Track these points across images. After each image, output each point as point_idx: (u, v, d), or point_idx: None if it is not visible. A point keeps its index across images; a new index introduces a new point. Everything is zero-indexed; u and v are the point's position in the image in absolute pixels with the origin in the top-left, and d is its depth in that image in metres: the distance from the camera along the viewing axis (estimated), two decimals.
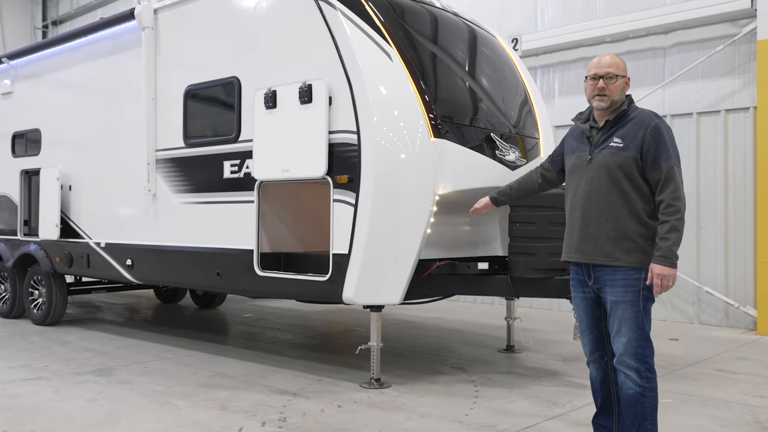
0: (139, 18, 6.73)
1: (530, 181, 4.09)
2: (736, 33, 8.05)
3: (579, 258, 3.56)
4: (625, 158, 3.40)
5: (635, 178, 3.40)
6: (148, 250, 6.76)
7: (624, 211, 3.40)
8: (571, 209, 3.63)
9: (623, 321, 3.40)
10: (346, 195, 5.05)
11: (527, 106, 6.40)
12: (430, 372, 5.76)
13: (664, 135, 3.38)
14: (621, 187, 3.41)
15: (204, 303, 9.82)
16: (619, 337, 3.43)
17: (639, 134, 3.40)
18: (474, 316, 8.97)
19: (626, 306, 3.40)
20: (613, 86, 3.50)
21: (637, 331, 3.38)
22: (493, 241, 6.17)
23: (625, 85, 3.55)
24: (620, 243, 3.40)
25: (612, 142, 3.46)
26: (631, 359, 3.38)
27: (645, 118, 3.45)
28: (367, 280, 4.99)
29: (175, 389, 5.17)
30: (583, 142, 3.62)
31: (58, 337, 7.31)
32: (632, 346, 3.38)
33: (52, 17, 19.06)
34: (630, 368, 3.39)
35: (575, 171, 3.62)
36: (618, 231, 3.41)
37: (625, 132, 3.45)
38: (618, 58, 3.59)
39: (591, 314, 3.63)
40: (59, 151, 8.02)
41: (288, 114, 5.40)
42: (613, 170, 3.42)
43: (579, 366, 6.00)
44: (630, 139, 3.41)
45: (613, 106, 3.53)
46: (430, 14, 5.92)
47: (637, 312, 3.38)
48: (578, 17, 9.34)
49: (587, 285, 3.57)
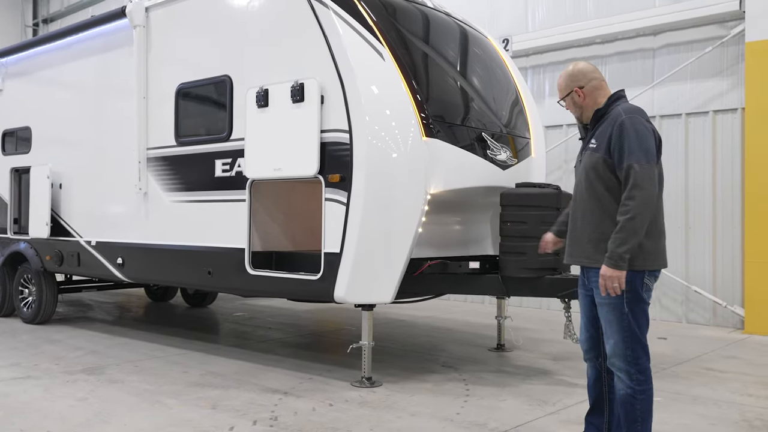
0: (131, 16, 6.72)
1: None
2: (724, 35, 8.12)
3: (568, 260, 3.61)
4: (596, 159, 3.41)
5: (608, 179, 3.37)
6: (138, 249, 6.75)
7: (600, 213, 3.39)
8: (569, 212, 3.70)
9: (608, 323, 3.40)
10: (338, 194, 5.06)
11: (518, 106, 6.44)
12: (421, 371, 5.78)
13: (628, 132, 3.30)
14: (596, 189, 3.41)
15: (195, 301, 9.80)
16: (607, 339, 3.43)
17: (607, 133, 3.38)
18: (465, 314, 9.00)
19: (609, 308, 3.38)
20: (568, 102, 3.62)
21: (623, 333, 3.35)
22: (485, 241, 6.20)
23: (573, 100, 3.58)
24: (599, 245, 3.37)
25: (590, 143, 3.49)
26: (620, 361, 3.37)
27: (615, 117, 3.39)
28: (358, 278, 5.01)
29: (165, 388, 5.17)
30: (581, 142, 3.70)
31: (48, 336, 7.28)
32: (620, 348, 3.36)
33: (43, 15, 18.96)
34: (620, 370, 3.39)
35: (575, 173, 3.70)
36: (597, 233, 3.40)
37: (599, 132, 3.45)
38: (560, 79, 3.63)
39: (589, 312, 3.65)
40: (50, 149, 7.98)
41: (280, 113, 5.40)
42: (588, 172, 3.45)
43: (569, 365, 6.04)
44: (601, 140, 3.41)
45: (584, 113, 3.59)
46: (422, 14, 5.95)
47: (621, 314, 3.35)
48: (568, 18, 9.39)
49: (585, 284, 3.60)
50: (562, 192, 5.37)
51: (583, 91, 3.56)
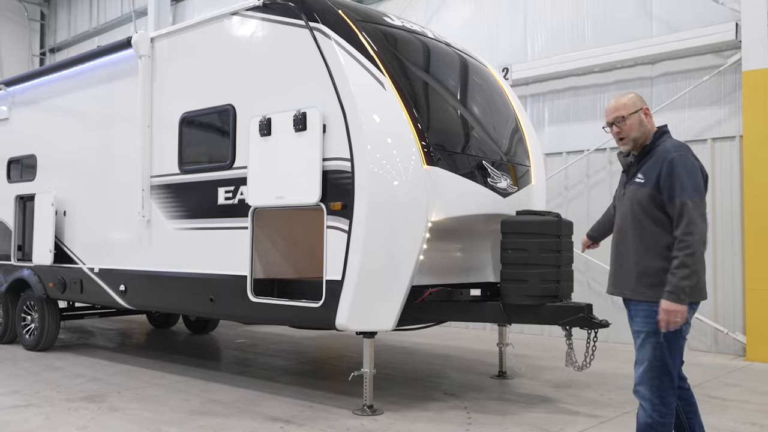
0: (136, 46, 6.83)
1: (608, 215, 4.19)
2: (721, 64, 8.22)
3: (612, 291, 3.66)
4: (644, 194, 3.46)
5: (655, 214, 3.43)
6: (141, 276, 6.78)
7: (645, 247, 3.45)
8: (611, 242, 3.74)
9: (641, 351, 3.44)
10: (340, 222, 5.11)
11: (518, 134, 6.50)
12: (423, 398, 5.77)
13: (678, 169, 3.37)
14: (641, 223, 3.47)
15: (197, 328, 9.79)
16: (636, 366, 3.46)
17: (656, 170, 3.43)
18: (466, 342, 8.98)
19: (645, 336, 3.42)
20: (627, 126, 3.57)
21: (654, 363, 3.38)
22: (486, 268, 6.22)
23: (642, 118, 3.57)
24: (643, 278, 3.44)
25: (637, 178, 3.53)
26: (646, 390, 3.39)
27: (663, 153, 3.45)
28: (360, 306, 5.02)
29: (167, 416, 5.16)
30: (623, 176, 3.74)
31: (50, 363, 7.28)
32: (647, 377, 3.39)
33: (50, 44, 19.23)
34: (644, 398, 3.41)
35: (617, 205, 3.77)
36: (641, 266, 3.46)
37: (647, 167, 3.50)
38: (624, 98, 3.64)
39: None
40: (54, 176, 8.06)
41: (282, 141, 5.47)
42: (634, 206, 3.50)
43: (571, 392, 6.03)
44: (649, 175, 3.46)
45: (637, 143, 3.59)
46: (423, 44, 6.04)
47: (655, 344, 3.38)
48: (567, 48, 9.51)
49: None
50: (562, 219, 5.41)
51: (649, 113, 3.64)
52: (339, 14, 5.43)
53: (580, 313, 5.07)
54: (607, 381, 6.51)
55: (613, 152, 9.10)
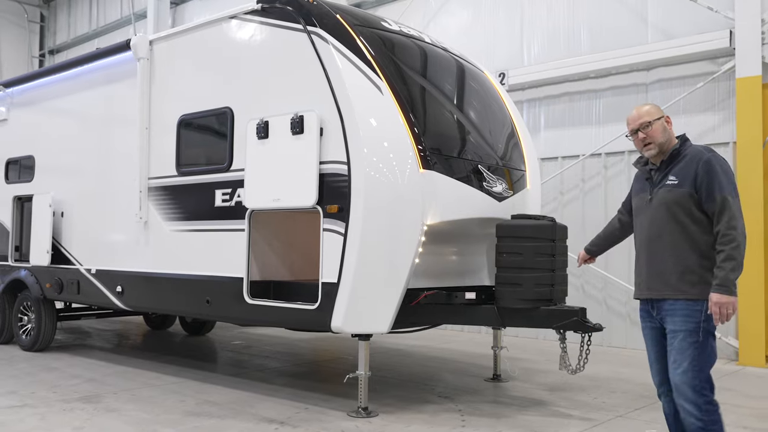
0: (135, 49, 6.87)
1: (611, 228, 4.27)
2: (715, 71, 8.29)
3: (649, 295, 3.68)
4: (681, 194, 3.54)
5: (693, 212, 3.53)
6: (138, 277, 6.80)
7: (685, 245, 3.53)
8: (638, 249, 3.79)
9: (680, 351, 3.45)
10: (336, 224, 5.14)
11: (514, 138, 6.55)
12: (418, 401, 5.80)
13: (715, 167, 3.49)
14: (680, 222, 3.54)
15: (193, 330, 9.81)
16: (675, 368, 3.46)
17: (692, 169, 3.53)
18: (461, 345, 9.02)
19: (685, 335, 3.45)
20: (652, 131, 3.68)
21: (694, 363, 3.40)
22: (481, 271, 6.27)
23: (665, 124, 3.70)
24: (685, 276, 3.51)
25: (668, 180, 3.61)
26: (689, 391, 3.41)
27: (697, 154, 3.57)
28: (355, 308, 5.06)
29: (162, 417, 5.19)
30: (645, 183, 3.81)
31: (46, 364, 7.30)
32: (689, 378, 3.40)
33: (49, 46, 19.25)
34: (687, 401, 3.41)
35: (639, 211, 3.81)
36: (681, 265, 3.53)
37: (680, 169, 3.59)
38: (648, 105, 3.79)
39: (658, 345, 3.70)
40: (52, 177, 8.08)
41: (279, 144, 5.51)
42: (671, 206, 3.57)
43: (565, 395, 6.07)
44: (684, 176, 3.56)
45: (662, 149, 3.68)
46: (420, 49, 6.09)
47: (695, 342, 3.42)
48: (563, 53, 9.57)
49: (653, 316, 3.68)
50: (557, 224, 5.46)
51: (670, 122, 3.75)
52: (337, 18, 5.48)
53: (574, 316, 5.12)
54: (600, 384, 6.55)
55: (608, 157, 9.17)
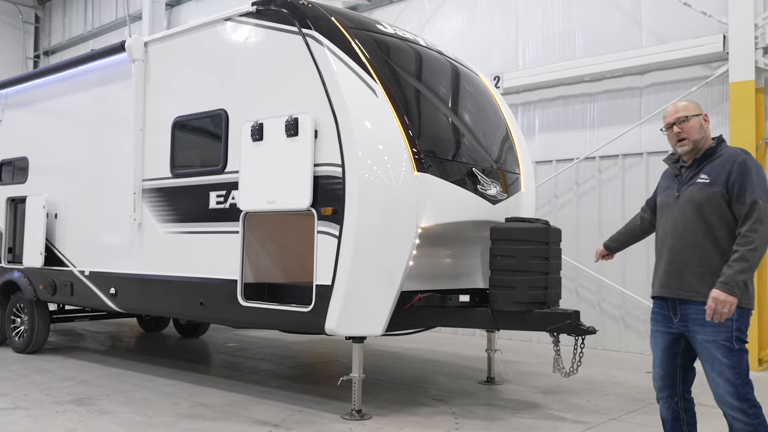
0: (130, 50, 6.86)
1: (632, 225, 4.17)
2: (709, 75, 8.33)
3: (663, 292, 3.60)
4: (712, 193, 3.46)
5: (722, 213, 3.44)
6: (132, 279, 6.79)
7: (710, 246, 3.44)
8: (658, 245, 3.70)
9: (717, 361, 3.38)
10: (330, 227, 5.15)
11: (508, 142, 6.57)
12: (411, 403, 5.80)
13: (750, 169, 3.42)
14: (707, 222, 3.46)
15: (187, 332, 9.79)
16: (715, 378, 3.41)
17: (725, 169, 3.46)
18: (455, 347, 9.02)
19: (719, 346, 3.37)
20: (688, 127, 3.60)
21: (734, 370, 3.36)
22: (475, 274, 6.28)
23: (702, 122, 3.64)
24: (705, 278, 3.42)
25: (699, 178, 3.53)
26: (734, 399, 3.37)
27: (733, 155, 3.50)
28: (349, 311, 5.06)
29: (155, 419, 5.18)
30: (673, 181, 3.72)
31: (39, 366, 7.27)
32: (732, 386, 3.36)
33: (44, 47, 19.21)
34: (734, 409, 3.37)
35: (664, 208, 3.71)
36: (703, 266, 3.44)
37: (712, 168, 3.52)
38: (687, 101, 3.73)
39: (667, 350, 3.64)
40: (46, 179, 8.06)
41: (274, 146, 5.51)
42: (699, 205, 3.48)
43: (558, 398, 6.08)
44: (716, 175, 3.48)
45: (696, 146, 3.61)
46: (415, 52, 6.10)
47: (731, 351, 3.36)
48: (558, 57, 9.60)
49: (672, 321, 3.58)
50: (550, 227, 5.47)
51: (708, 120, 3.69)
52: (332, 21, 5.49)
53: (568, 319, 5.13)
54: (594, 387, 6.57)
55: (602, 161, 9.19)
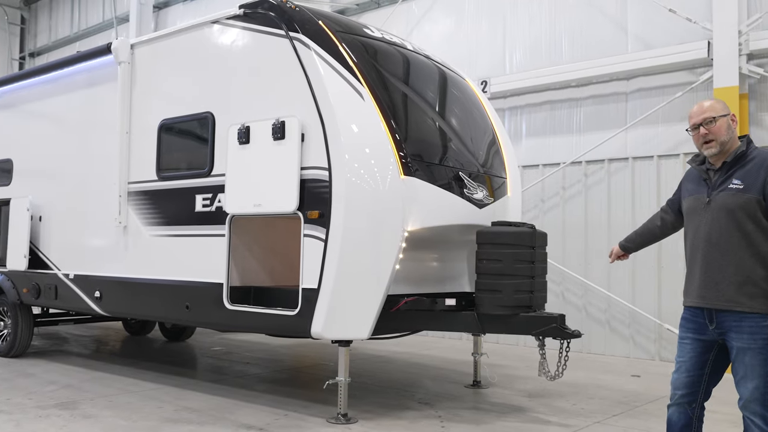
0: (116, 52, 6.83)
1: (651, 225, 4.03)
2: (694, 81, 8.41)
3: (700, 303, 3.48)
4: (747, 200, 3.33)
5: (759, 220, 3.32)
6: (117, 283, 6.75)
7: (747, 254, 3.33)
8: (691, 253, 3.57)
9: (750, 368, 3.35)
10: (317, 230, 5.14)
11: (495, 146, 6.59)
12: (397, 407, 5.80)
13: None
14: (743, 229, 3.34)
15: (173, 336, 9.74)
16: (745, 383, 3.38)
17: (761, 175, 3.33)
18: (441, 351, 9.03)
19: (754, 353, 3.32)
20: (716, 128, 3.45)
21: (765, 378, 3.32)
22: (461, 278, 6.29)
23: (730, 123, 3.48)
24: (744, 288, 3.33)
25: (731, 183, 3.40)
26: (758, 406, 3.33)
27: (766, 158, 3.37)
28: (335, 314, 5.05)
29: (139, 423, 5.14)
30: (700, 184, 3.57)
31: (23, 370, 7.20)
32: (760, 393, 3.33)
33: (30, 49, 19.08)
34: (756, 414, 3.35)
35: (693, 213, 3.57)
36: (741, 275, 3.34)
37: (745, 173, 3.38)
38: (714, 101, 3.56)
39: (698, 356, 3.56)
40: (31, 181, 8.00)
41: (261, 150, 5.50)
42: (734, 212, 3.36)
43: (544, 402, 6.10)
44: (751, 180, 3.35)
45: (724, 148, 3.46)
46: (402, 56, 6.12)
47: (765, 359, 3.30)
48: (545, 62, 9.66)
49: (706, 329, 3.50)
50: (536, 231, 5.50)
51: (736, 120, 3.54)
52: (319, 25, 5.49)
53: (553, 323, 5.15)
54: (579, 391, 6.59)
55: (588, 165, 9.25)
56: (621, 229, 8.67)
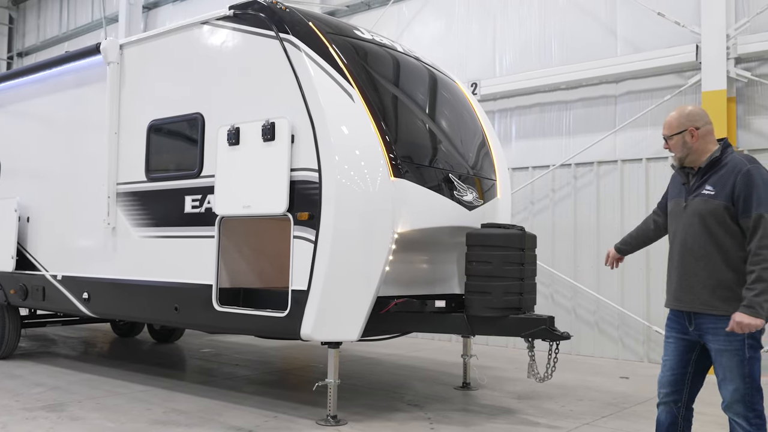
0: (105, 53, 6.80)
1: (645, 228, 4.11)
2: (682, 84, 8.46)
3: (677, 306, 3.61)
4: (716, 206, 3.42)
5: (729, 226, 3.40)
6: (105, 284, 6.71)
7: (718, 259, 3.42)
8: (670, 256, 3.68)
9: (729, 369, 3.42)
10: (307, 232, 5.13)
11: (485, 148, 6.61)
12: (387, 409, 5.80)
13: (756, 180, 3.36)
14: (714, 235, 3.42)
15: (161, 337, 9.69)
16: (726, 385, 3.45)
17: (730, 181, 3.40)
18: (431, 353, 9.04)
19: (731, 355, 3.40)
20: (671, 144, 3.63)
21: (744, 379, 3.39)
22: (451, 280, 6.30)
23: (686, 139, 3.56)
24: (717, 291, 3.42)
25: (704, 189, 3.48)
26: (741, 406, 3.40)
27: (738, 164, 3.43)
28: (325, 316, 5.05)
29: (127, 426, 5.11)
30: (681, 188, 3.67)
31: (9, 371, 7.15)
32: (740, 394, 3.39)
33: (18, 48, 18.96)
34: (739, 416, 3.41)
35: (673, 217, 3.69)
36: (713, 279, 3.43)
37: (718, 179, 3.46)
38: (673, 116, 3.66)
39: (680, 355, 3.65)
40: (18, 182, 7.94)
41: (250, 151, 5.49)
42: (705, 218, 3.45)
43: (533, 404, 6.11)
44: (721, 187, 3.43)
45: (684, 161, 3.60)
46: (392, 58, 6.12)
47: (742, 360, 3.38)
48: (534, 65, 9.70)
49: (687, 329, 3.59)
50: (526, 233, 5.51)
51: (698, 132, 3.57)
52: (309, 26, 5.49)
53: (542, 325, 5.16)
54: (568, 393, 6.62)
55: (578, 168, 9.29)
56: (610, 232, 8.74)
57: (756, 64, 8.10)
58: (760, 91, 8.10)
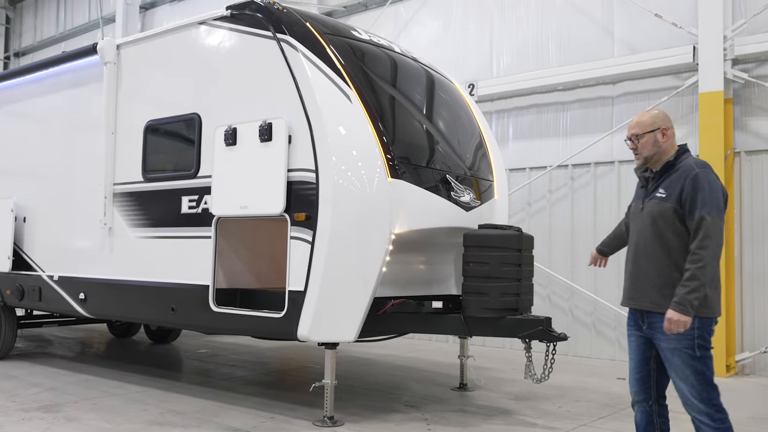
0: (102, 53, 6.79)
1: (618, 230, 4.23)
2: (679, 85, 8.47)
3: (630, 303, 3.76)
4: (666, 208, 3.54)
5: (677, 227, 3.52)
6: (101, 284, 6.69)
7: (665, 260, 3.54)
8: (627, 256, 3.80)
9: (680, 369, 3.49)
10: (304, 232, 5.13)
11: (482, 149, 6.61)
12: (384, 410, 5.79)
13: (702, 184, 3.46)
14: (662, 237, 3.55)
15: (158, 338, 9.67)
16: (680, 385, 3.51)
17: (679, 184, 3.52)
18: (428, 354, 9.04)
19: (681, 353, 3.48)
20: (641, 144, 3.69)
21: (698, 377, 3.45)
22: (448, 280, 6.29)
23: (657, 138, 3.66)
24: (664, 290, 3.52)
25: (658, 192, 3.61)
26: (700, 403, 3.46)
27: (687, 169, 3.55)
28: (322, 317, 5.04)
29: (124, 426, 5.10)
30: (641, 191, 3.80)
31: (5, 372, 7.13)
32: (696, 392, 3.46)
33: (15, 48, 18.92)
34: (700, 413, 3.47)
35: (633, 219, 3.82)
36: (662, 278, 3.54)
37: (670, 182, 3.58)
38: (644, 116, 3.75)
39: (641, 354, 3.74)
40: (15, 182, 7.93)
41: (247, 151, 5.48)
42: (656, 220, 3.58)
43: (530, 404, 6.11)
44: (672, 190, 3.55)
45: (650, 161, 3.69)
46: (390, 58, 6.12)
47: (693, 358, 3.46)
48: (532, 66, 9.70)
49: (641, 328, 3.70)
50: (523, 234, 5.51)
51: (668, 132, 3.69)
52: (307, 27, 5.49)
53: (539, 326, 5.17)
54: (565, 393, 6.62)
55: (575, 169, 9.30)
56: (607, 232, 8.68)
57: (753, 65, 8.12)
58: (757, 92, 8.11)
